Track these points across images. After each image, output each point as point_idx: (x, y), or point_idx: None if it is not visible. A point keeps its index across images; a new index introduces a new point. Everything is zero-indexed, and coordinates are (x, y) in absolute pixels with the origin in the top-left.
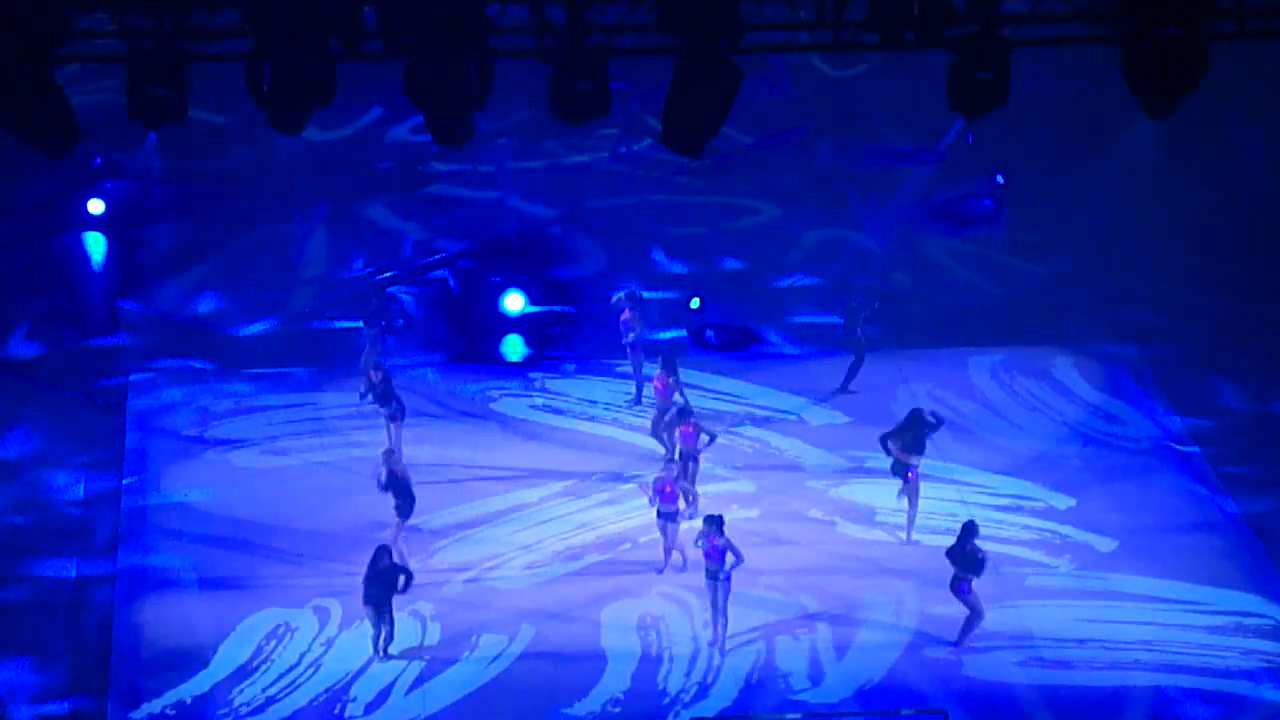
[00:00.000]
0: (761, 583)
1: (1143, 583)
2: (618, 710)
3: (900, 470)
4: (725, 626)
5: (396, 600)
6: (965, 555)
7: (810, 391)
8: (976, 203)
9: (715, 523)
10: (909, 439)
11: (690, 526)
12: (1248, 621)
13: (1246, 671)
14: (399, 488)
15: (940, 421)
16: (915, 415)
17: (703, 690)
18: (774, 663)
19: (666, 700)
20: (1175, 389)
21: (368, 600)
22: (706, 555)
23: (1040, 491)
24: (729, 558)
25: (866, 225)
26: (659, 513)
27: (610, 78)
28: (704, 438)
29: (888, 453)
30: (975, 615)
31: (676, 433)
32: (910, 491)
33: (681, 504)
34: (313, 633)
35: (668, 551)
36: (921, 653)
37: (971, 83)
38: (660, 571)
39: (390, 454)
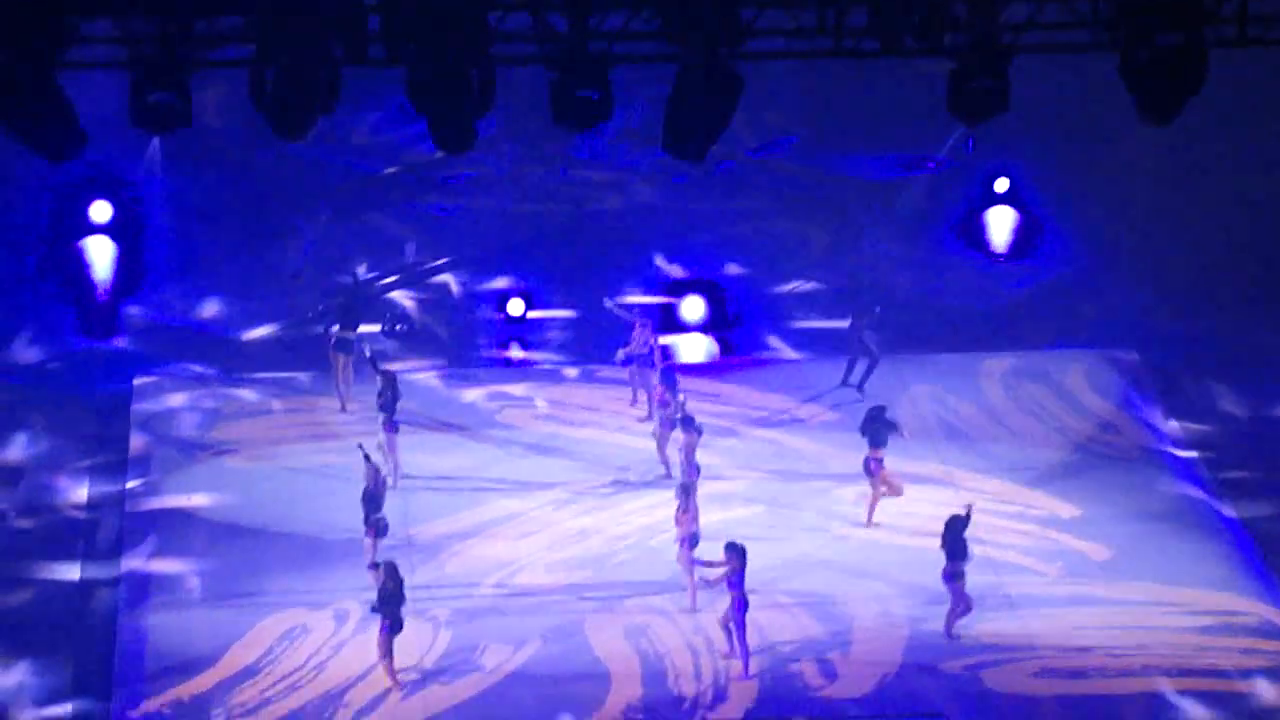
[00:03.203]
0: (765, 586)
1: (1138, 588)
2: (641, 718)
3: (864, 463)
4: (748, 652)
5: (412, 606)
6: (958, 545)
7: (813, 395)
8: (1001, 225)
9: (735, 551)
10: (871, 433)
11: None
12: (1242, 622)
13: (1244, 671)
14: (371, 504)
15: (895, 425)
16: (874, 412)
17: (720, 694)
18: (784, 665)
19: (686, 705)
20: (1175, 395)
21: (387, 615)
22: (728, 583)
23: (1040, 498)
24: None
25: (867, 231)
26: (679, 539)
27: (612, 84)
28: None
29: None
30: (965, 606)
31: (677, 444)
32: (874, 483)
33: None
34: (325, 636)
35: (692, 586)
36: (928, 662)
37: (972, 90)
38: (692, 612)
39: (371, 466)
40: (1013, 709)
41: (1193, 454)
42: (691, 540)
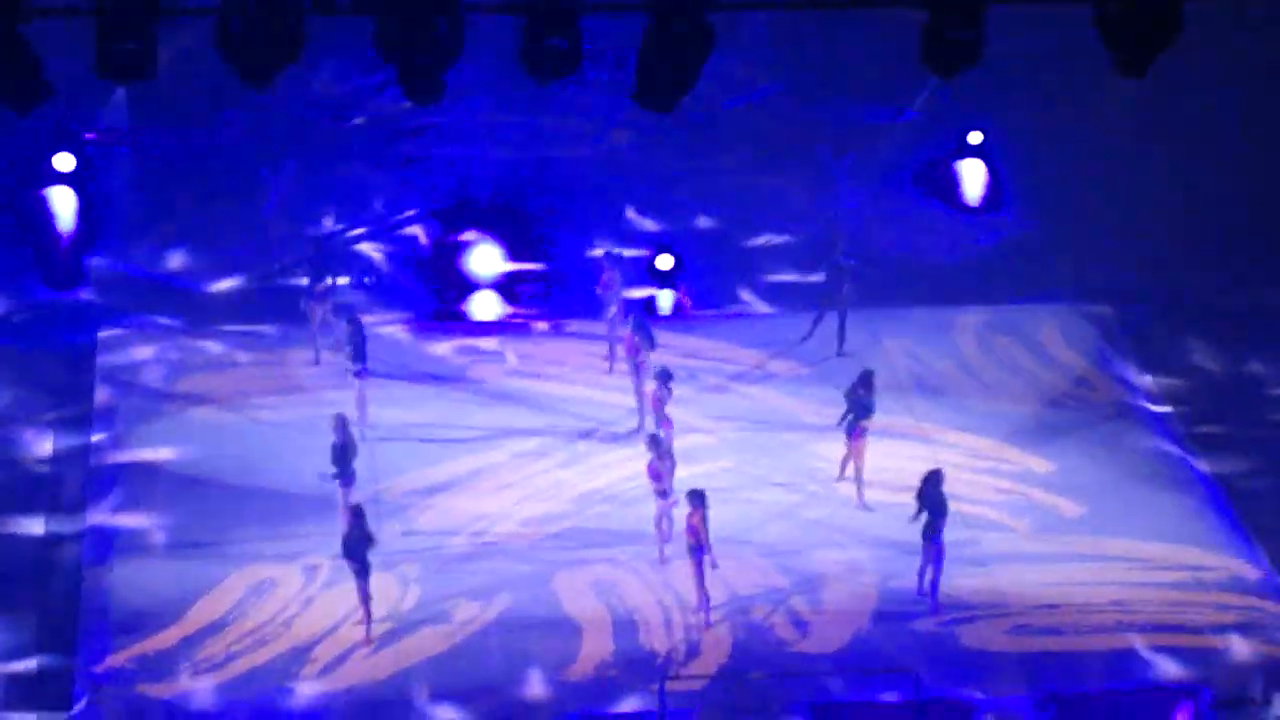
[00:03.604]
0: (735, 540)
1: (1111, 544)
2: (614, 674)
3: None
4: (708, 599)
5: (381, 560)
6: (933, 501)
7: (784, 349)
8: (970, 176)
9: (697, 497)
10: (861, 403)
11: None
12: (1214, 578)
13: (1217, 627)
14: (341, 457)
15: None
16: (865, 380)
17: (693, 649)
18: (756, 619)
19: (659, 660)
20: (1148, 349)
21: (354, 559)
22: (688, 530)
23: (1014, 453)
24: (706, 535)
25: (840, 183)
26: (655, 492)
27: (582, 34)
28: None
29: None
30: (939, 563)
31: (650, 397)
32: (857, 447)
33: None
34: (294, 590)
35: (661, 537)
36: (900, 618)
37: (945, 42)
38: (661, 564)
39: (340, 419)
40: (987, 666)
41: (1167, 409)
42: (664, 494)
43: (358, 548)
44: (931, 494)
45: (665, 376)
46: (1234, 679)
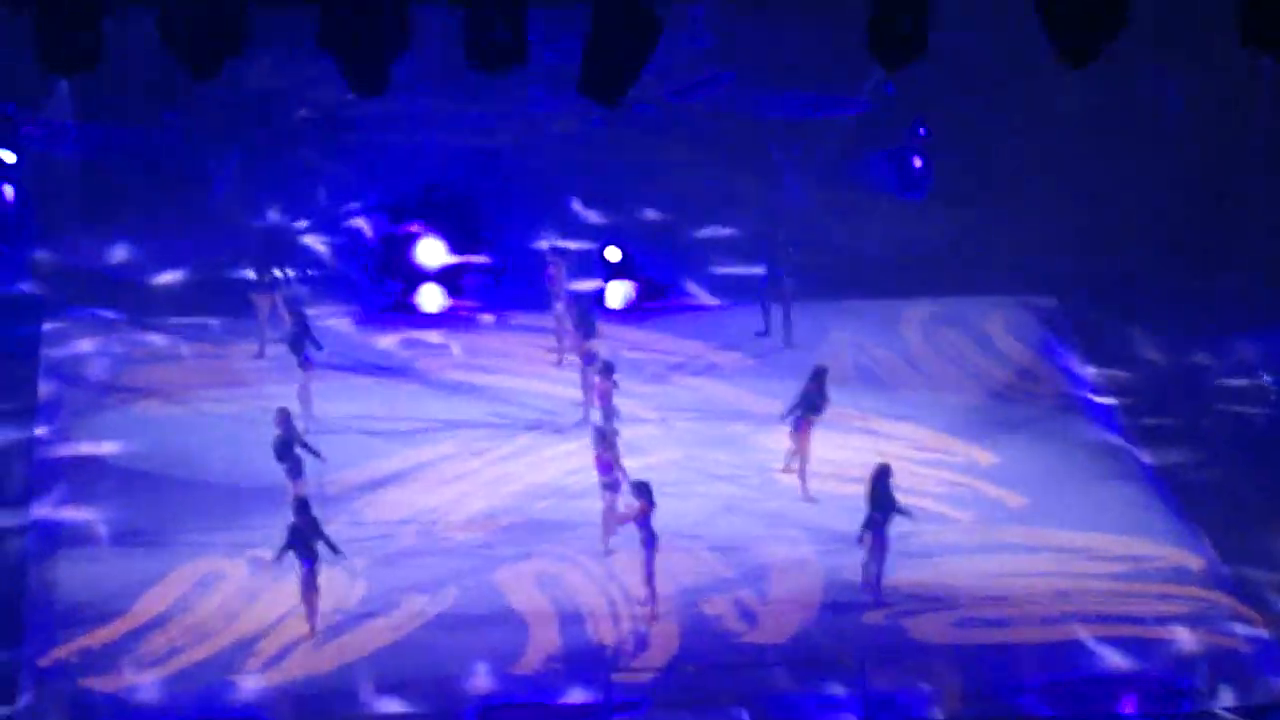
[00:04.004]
0: (682, 532)
1: (1056, 535)
2: (560, 667)
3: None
4: (654, 591)
5: (327, 553)
6: (882, 497)
7: (730, 341)
8: (905, 161)
9: (643, 490)
10: (812, 399)
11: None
12: (1157, 567)
13: (1161, 618)
14: (285, 451)
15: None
16: (819, 375)
17: (641, 642)
18: (704, 612)
19: (609, 653)
20: (1093, 340)
21: (298, 550)
22: (636, 523)
23: (958, 445)
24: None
25: (787, 175)
26: (600, 484)
27: (527, 26)
28: (616, 398)
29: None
30: (883, 556)
31: (595, 390)
32: (801, 440)
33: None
34: (239, 583)
35: (607, 528)
36: (848, 611)
37: (891, 33)
38: (605, 554)
39: (283, 413)
40: (935, 658)
41: (1111, 400)
42: (613, 486)
43: (303, 539)
44: (880, 489)
45: (609, 369)
46: (1179, 669)
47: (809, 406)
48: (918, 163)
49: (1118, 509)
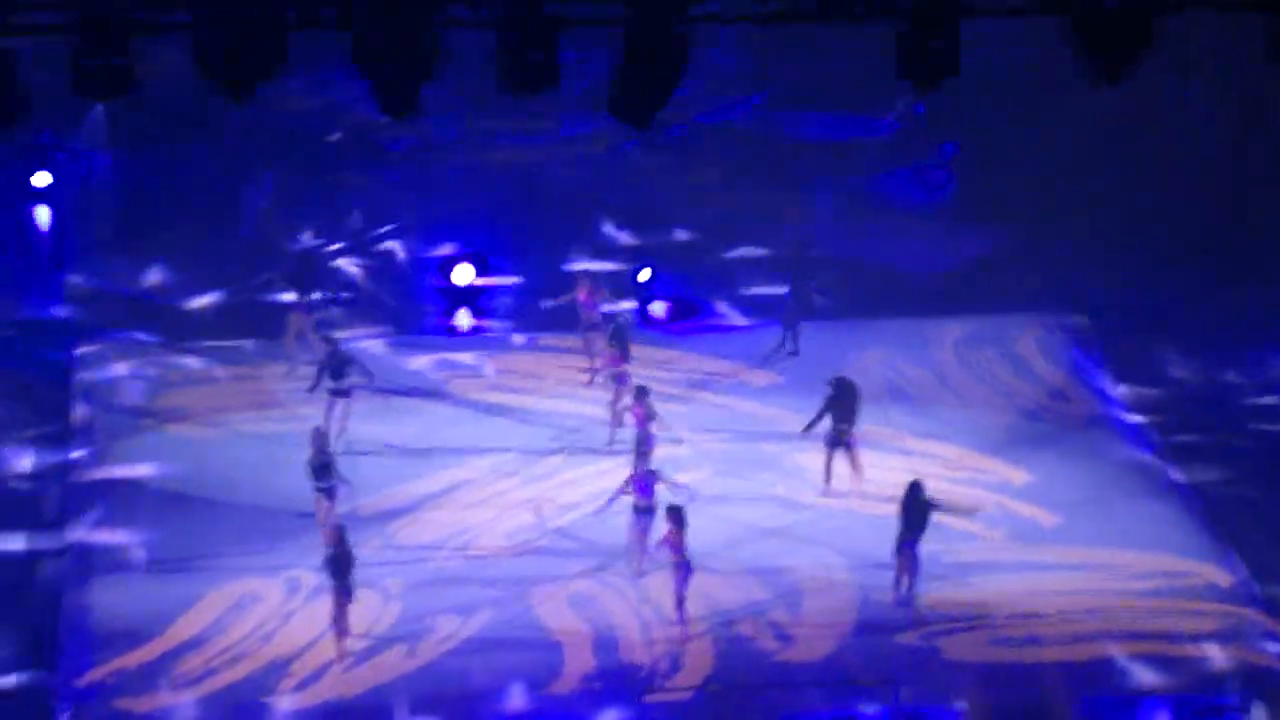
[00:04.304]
0: (714, 551)
1: (1088, 553)
2: (593, 687)
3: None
4: (685, 614)
5: (361, 575)
6: (913, 514)
7: (761, 360)
8: (929, 174)
9: (676, 514)
10: (846, 409)
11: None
12: (1189, 584)
13: (1194, 635)
14: (321, 472)
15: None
16: (846, 386)
17: (675, 662)
18: (738, 632)
19: (643, 673)
20: (1123, 359)
21: (335, 578)
22: (669, 546)
23: (991, 464)
24: (686, 551)
25: (818, 195)
26: (635, 508)
27: (559, 49)
28: (655, 424)
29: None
30: (915, 573)
31: (628, 413)
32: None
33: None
34: (276, 605)
35: (642, 552)
36: (882, 630)
37: (922, 53)
38: (638, 578)
39: (318, 433)
40: (967, 677)
41: (1142, 418)
42: (649, 510)
43: (339, 566)
44: (913, 505)
45: (642, 393)
46: (1211, 686)
47: (847, 418)
48: (938, 175)
49: (1149, 526)
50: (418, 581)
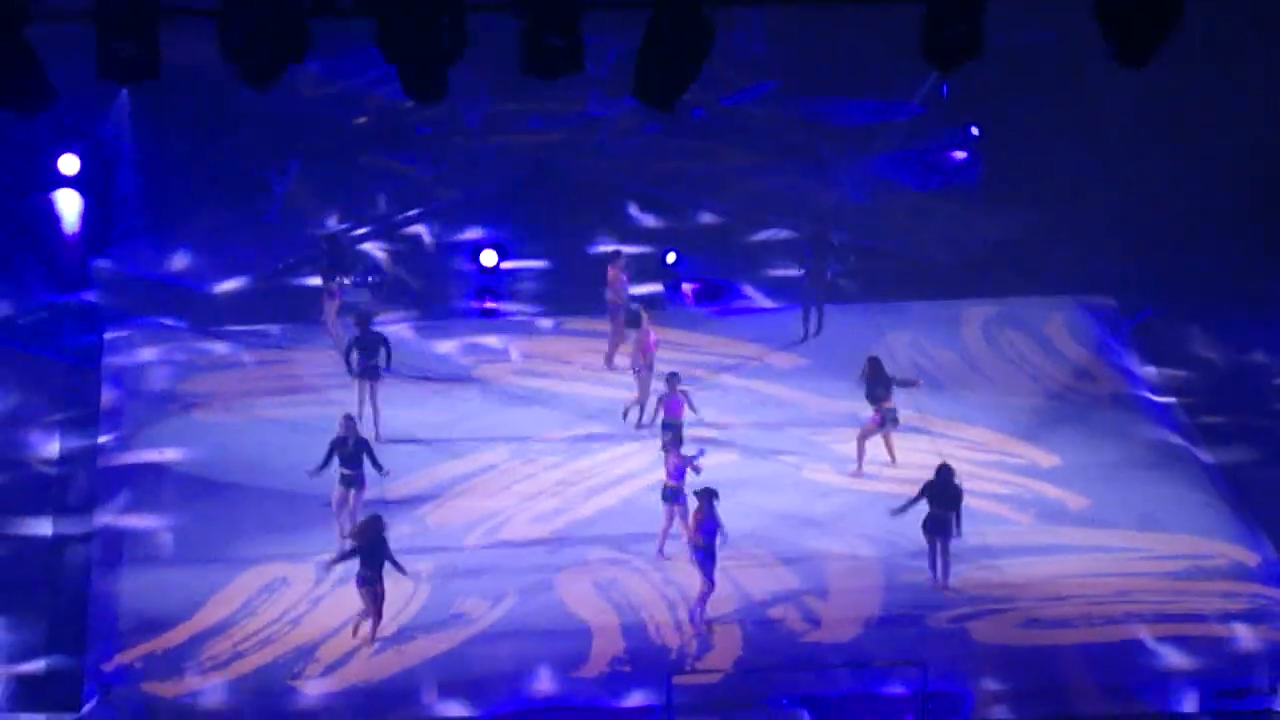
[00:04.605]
0: (742, 533)
1: (1116, 535)
2: (628, 670)
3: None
4: (706, 599)
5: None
6: (941, 494)
7: (787, 343)
8: (951, 154)
9: (708, 496)
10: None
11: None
12: (1216, 565)
13: (1222, 615)
14: (350, 458)
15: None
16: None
17: (704, 645)
18: (765, 613)
19: (673, 655)
20: (1151, 340)
21: (368, 567)
22: (701, 529)
23: (1019, 446)
24: (719, 535)
25: (842, 178)
26: (664, 492)
27: (582, 33)
28: (688, 411)
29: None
30: (947, 557)
31: (659, 401)
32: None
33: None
34: (305, 590)
35: (665, 534)
36: (911, 613)
37: (945, 35)
38: (661, 554)
39: (348, 420)
40: (996, 659)
41: (1169, 399)
42: (678, 495)
43: (373, 556)
44: (942, 487)
45: (674, 378)
46: (1240, 667)
47: (870, 398)
48: (959, 155)
49: (1177, 508)
50: (445, 566)
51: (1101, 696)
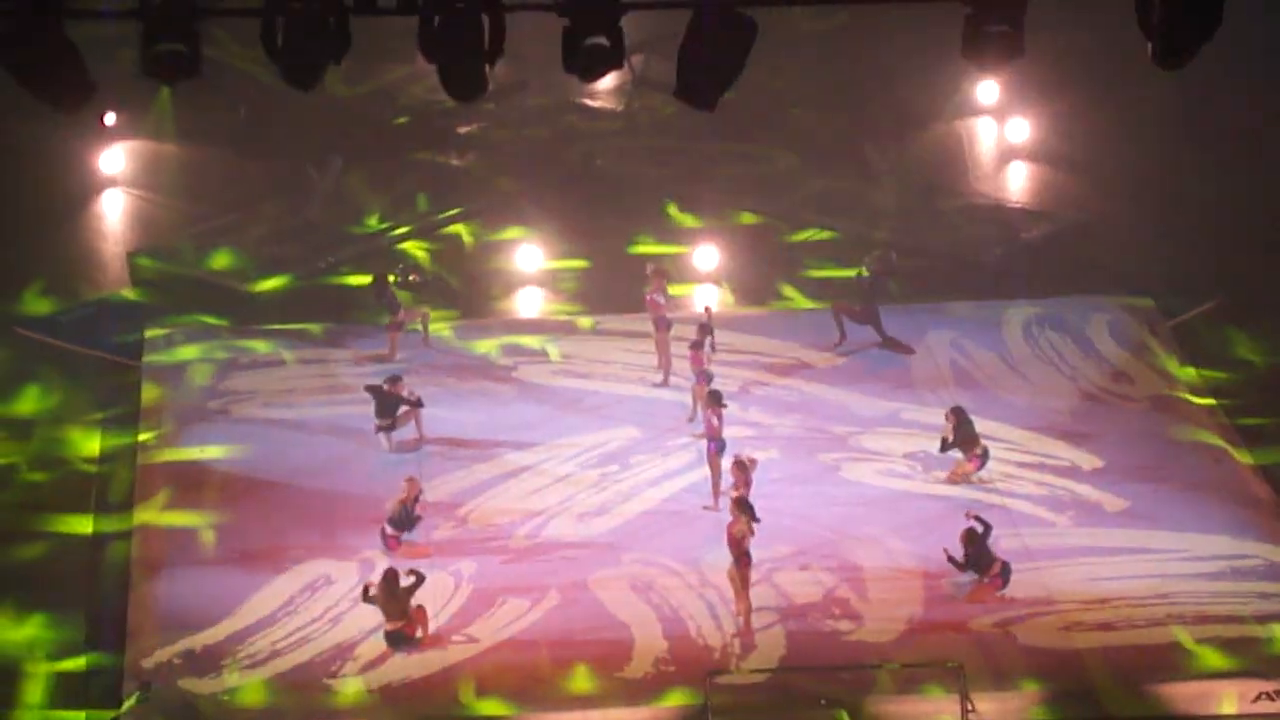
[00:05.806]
0: (781, 534)
1: (1156, 537)
2: (671, 670)
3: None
4: (749, 604)
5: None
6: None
7: (828, 343)
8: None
9: (744, 508)
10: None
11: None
12: (1253, 566)
13: (1261, 617)
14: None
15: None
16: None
17: (748, 645)
18: (806, 614)
19: (716, 655)
20: (1191, 342)
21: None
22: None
23: (1059, 448)
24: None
25: (884, 178)
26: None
27: (623, 31)
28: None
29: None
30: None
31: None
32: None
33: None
34: (347, 589)
35: (716, 487)
36: (952, 616)
37: (987, 35)
38: (716, 506)
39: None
40: (1036, 661)
41: (1209, 401)
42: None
43: (393, 603)
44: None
45: (717, 398)
46: (1279, 669)
47: (963, 447)
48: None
49: (1216, 509)
50: (485, 564)
51: (1141, 699)
